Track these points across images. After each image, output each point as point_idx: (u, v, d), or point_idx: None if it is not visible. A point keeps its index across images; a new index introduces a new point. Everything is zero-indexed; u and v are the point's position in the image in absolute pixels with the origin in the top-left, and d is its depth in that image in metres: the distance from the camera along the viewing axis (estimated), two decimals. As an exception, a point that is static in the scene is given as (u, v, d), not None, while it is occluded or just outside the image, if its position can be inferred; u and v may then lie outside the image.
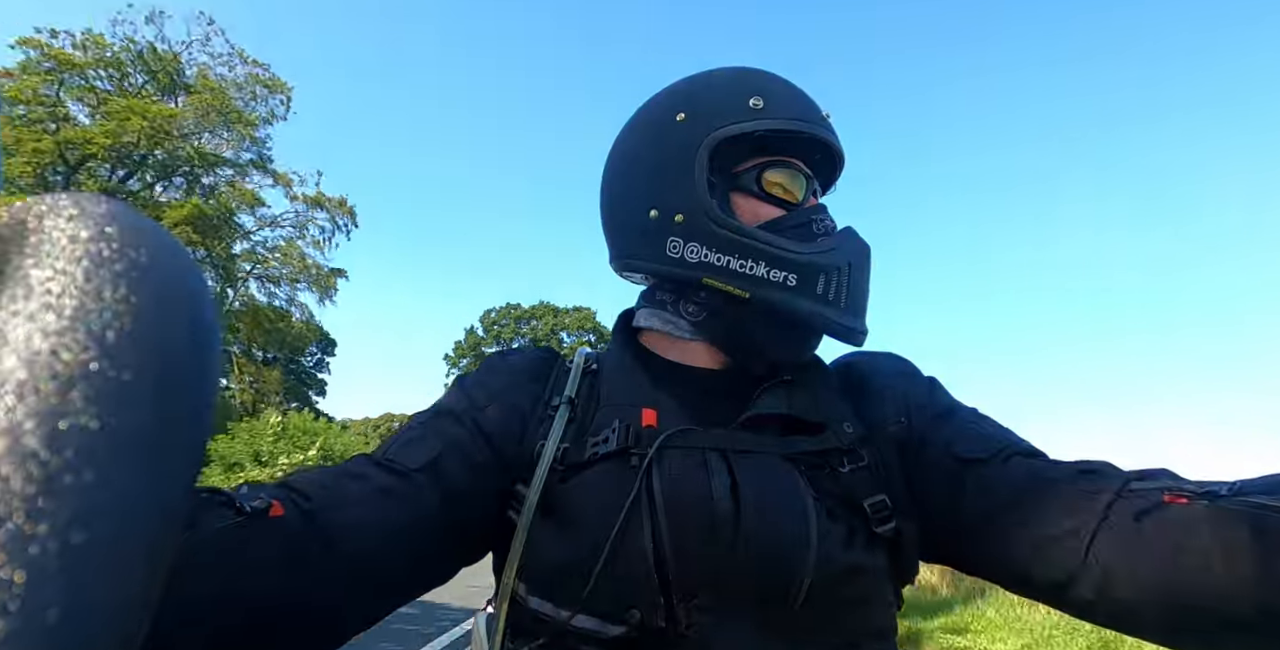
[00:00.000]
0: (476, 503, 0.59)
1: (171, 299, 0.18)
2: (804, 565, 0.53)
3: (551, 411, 0.64)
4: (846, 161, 0.71)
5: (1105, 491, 0.52)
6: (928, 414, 0.64)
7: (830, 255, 0.63)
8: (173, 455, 0.17)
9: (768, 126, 0.63)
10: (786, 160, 0.66)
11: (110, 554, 0.15)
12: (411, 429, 0.62)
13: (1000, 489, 0.56)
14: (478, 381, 0.67)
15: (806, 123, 0.65)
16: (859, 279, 0.64)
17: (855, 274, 0.64)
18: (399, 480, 0.55)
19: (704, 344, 0.68)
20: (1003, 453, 0.59)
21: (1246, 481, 0.46)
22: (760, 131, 0.63)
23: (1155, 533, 0.48)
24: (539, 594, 0.56)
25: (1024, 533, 0.54)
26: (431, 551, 0.57)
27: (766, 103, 0.64)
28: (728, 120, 0.63)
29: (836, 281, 0.62)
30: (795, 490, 0.56)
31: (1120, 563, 0.49)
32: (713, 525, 0.54)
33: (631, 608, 0.53)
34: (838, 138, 0.68)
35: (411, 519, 0.54)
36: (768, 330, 0.65)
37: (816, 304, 0.62)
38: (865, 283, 0.66)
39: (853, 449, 0.61)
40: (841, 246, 0.64)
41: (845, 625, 0.55)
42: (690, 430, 0.60)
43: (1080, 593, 0.51)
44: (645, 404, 0.63)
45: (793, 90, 0.68)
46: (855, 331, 0.64)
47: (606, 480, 0.57)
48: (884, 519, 0.58)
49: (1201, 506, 0.46)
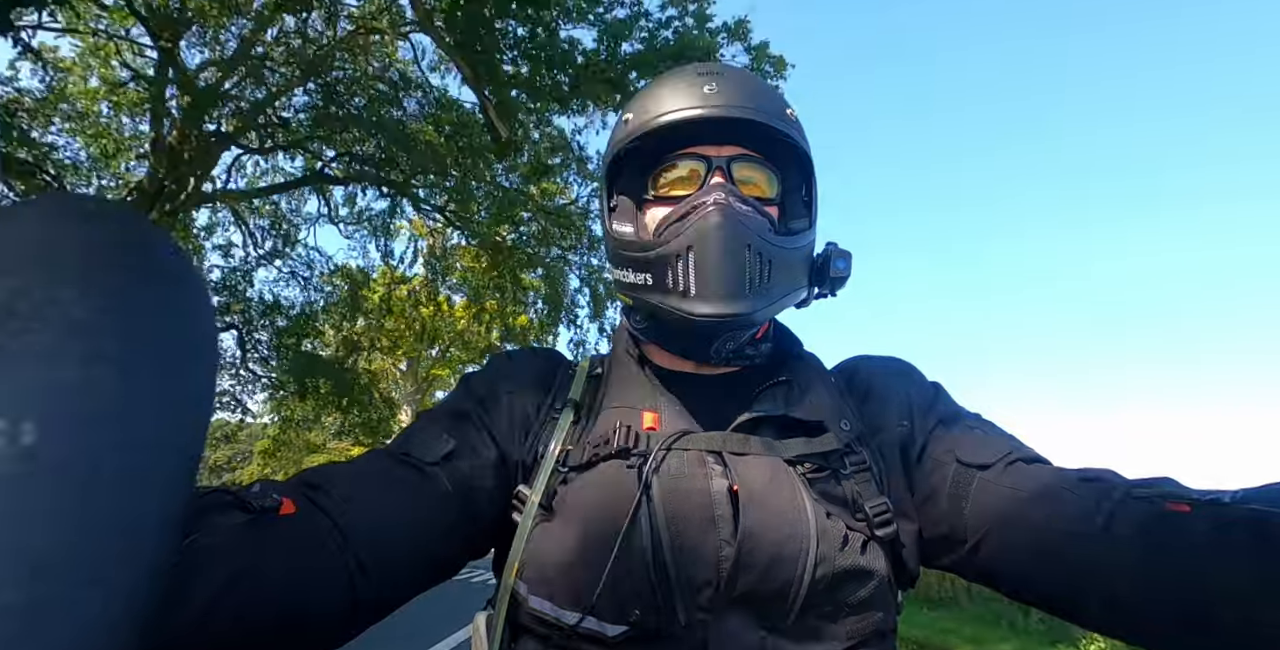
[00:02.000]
0: (485, 499, 0.60)
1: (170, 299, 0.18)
2: (803, 566, 0.53)
3: (555, 414, 0.65)
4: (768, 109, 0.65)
5: (1108, 499, 0.52)
6: (931, 418, 0.64)
7: (672, 243, 0.61)
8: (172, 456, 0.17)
9: (631, 140, 0.65)
10: (680, 154, 0.66)
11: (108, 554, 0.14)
12: (423, 425, 0.63)
13: (1003, 495, 0.56)
14: (484, 382, 0.68)
15: (667, 114, 0.63)
16: (705, 260, 0.59)
17: (700, 256, 0.60)
18: (415, 474, 0.56)
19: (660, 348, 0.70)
20: (1006, 459, 0.58)
21: (1248, 490, 0.46)
22: (627, 147, 0.66)
23: (1157, 540, 0.47)
24: (538, 593, 0.56)
25: (1025, 540, 0.54)
26: (442, 545, 0.57)
27: (634, 115, 0.66)
28: (611, 148, 0.68)
29: (680, 269, 0.61)
30: (793, 492, 0.56)
31: (1120, 570, 0.49)
32: (711, 526, 0.55)
33: (631, 608, 0.53)
34: (724, 105, 0.63)
35: (425, 512, 0.55)
36: (671, 330, 0.66)
37: (666, 297, 0.62)
38: (720, 261, 0.59)
39: (852, 450, 0.61)
40: (686, 230, 0.61)
41: (845, 627, 0.55)
42: (690, 433, 0.60)
43: (1083, 601, 0.51)
44: (646, 407, 0.63)
45: (669, 85, 0.66)
46: (709, 318, 0.59)
47: (607, 481, 0.58)
48: (884, 522, 0.58)
49: (1205, 514, 0.46)
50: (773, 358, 0.71)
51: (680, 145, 0.66)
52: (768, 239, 0.62)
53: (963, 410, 0.67)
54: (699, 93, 0.63)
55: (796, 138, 0.66)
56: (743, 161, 0.66)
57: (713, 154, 0.65)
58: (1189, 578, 0.45)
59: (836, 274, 0.67)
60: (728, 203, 0.61)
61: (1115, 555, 0.49)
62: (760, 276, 0.60)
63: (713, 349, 0.66)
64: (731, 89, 0.63)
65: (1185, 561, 0.45)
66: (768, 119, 0.63)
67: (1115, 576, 0.49)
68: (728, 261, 0.59)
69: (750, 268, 0.60)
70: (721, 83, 0.64)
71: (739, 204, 0.62)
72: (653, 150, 0.67)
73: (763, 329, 0.69)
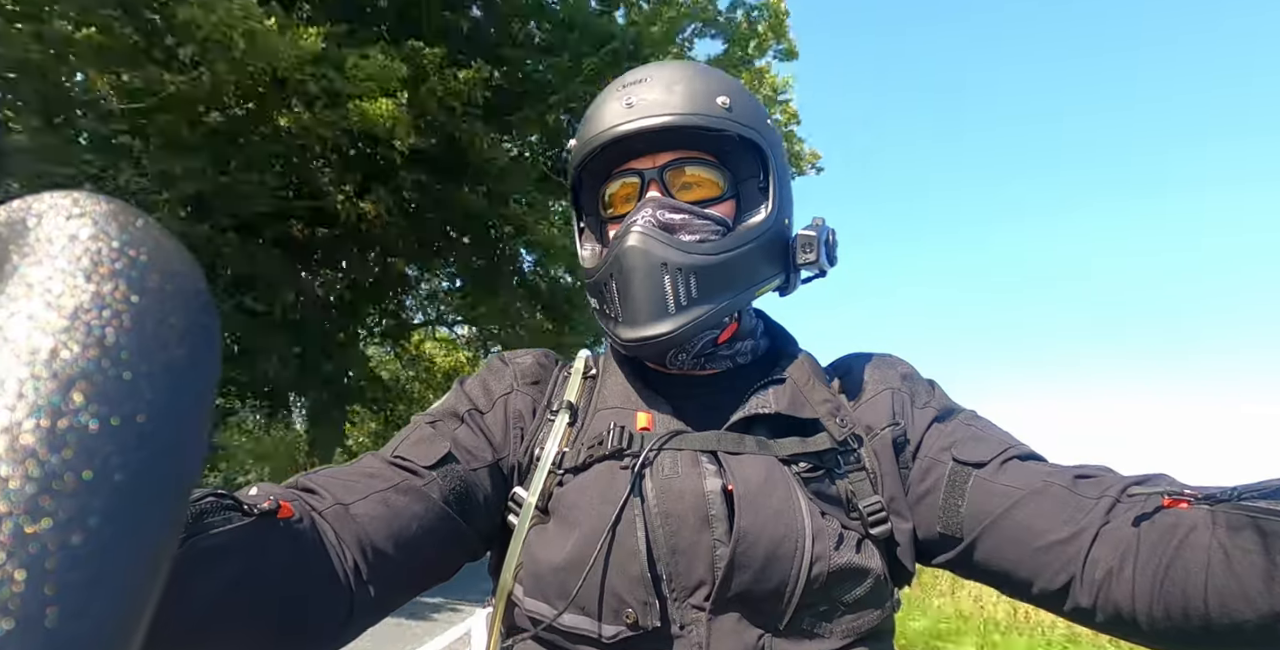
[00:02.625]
0: (481, 502, 0.60)
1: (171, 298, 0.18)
2: (798, 565, 0.53)
3: (551, 416, 0.65)
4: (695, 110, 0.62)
5: (1104, 496, 0.52)
6: (925, 416, 0.64)
7: (601, 271, 0.63)
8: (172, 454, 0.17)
9: (576, 167, 0.67)
10: (620, 171, 0.66)
11: (110, 554, 0.15)
12: (418, 429, 0.62)
13: (999, 493, 0.56)
14: (479, 384, 0.68)
15: (593, 139, 0.63)
16: (625, 285, 0.60)
17: (621, 282, 0.61)
18: (411, 478, 0.56)
19: None
20: (1002, 456, 0.59)
21: (1245, 486, 0.46)
22: (575, 173, 0.68)
23: (1155, 537, 0.48)
24: (535, 595, 0.56)
25: (1023, 537, 0.54)
26: (438, 547, 0.57)
27: (577, 139, 0.67)
28: (569, 173, 0.70)
29: (610, 295, 0.62)
30: (788, 491, 0.56)
31: (1118, 567, 0.49)
32: (706, 526, 0.55)
33: (626, 607, 0.53)
34: (640, 118, 0.61)
35: (421, 516, 0.55)
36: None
37: (606, 322, 0.65)
38: (637, 286, 0.60)
39: (847, 449, 0.61)
40: (611, 257, 0.62)
41: (842, 626, 0.55)
42: (684, 432, 0.60)
43: (1079, 597, 0.51)
44: (641, 408, 0.63)
45: (597, 105, 0.65)
46: (633, 343, 0.60)
47: (601, 482, 0.58)
48: (879, 521, 0.58)
49: (1202, 511, 0.46)
50: (766, 356, 0.71)
51: (621, 161, 0.66)
52: (692, 253, 0.60)
53: (958, 407, 0.67)
54: (619, 109, 0.62)
55: (733, 128, 0.62)
56: (683, 164, 0.65)
57: (646, 166, 0.64)
58: (1187, 574, 0.45)
59: (803, 259, 0.66)
60: (646, 225, 0.60)
61: (1115, 552, 0.49)
62: (684, 294, 0.59)
63: (667, 360, 0.66)
64: (652, 96, 0.62)
65: (1191, 563, 0.45)
66: (689, 121, 0.61)
67: (1115, 574, 0.49)
68: (644, 285, 0.59)
69: (672, 287, 0.59)
70: (641, 92, 0.62)
71: (666, 217, 0.62)
72: (602, 168, 0.67)
73: (729, 330, 0.68)
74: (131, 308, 0.17)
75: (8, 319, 0.16)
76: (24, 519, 0.14)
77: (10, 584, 0.13)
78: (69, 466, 0.15)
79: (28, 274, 0.17)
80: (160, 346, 0.17)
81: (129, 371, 0.16)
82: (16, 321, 0.16)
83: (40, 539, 0.14)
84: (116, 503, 0.15)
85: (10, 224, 0.18)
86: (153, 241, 0.18)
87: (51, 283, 0.16)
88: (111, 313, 0.16)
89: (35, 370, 0.15)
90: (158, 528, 0.16)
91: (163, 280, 0.18)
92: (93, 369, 0.16)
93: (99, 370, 0.16)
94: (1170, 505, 0.48)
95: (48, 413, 0.15)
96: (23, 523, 0.14)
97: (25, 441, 0.14)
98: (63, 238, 0.17)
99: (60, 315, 0.16)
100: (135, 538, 0.15)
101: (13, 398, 0.15)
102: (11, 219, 0.18)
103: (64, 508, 0.14)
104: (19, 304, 0.16)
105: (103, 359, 0.16)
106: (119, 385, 0.16)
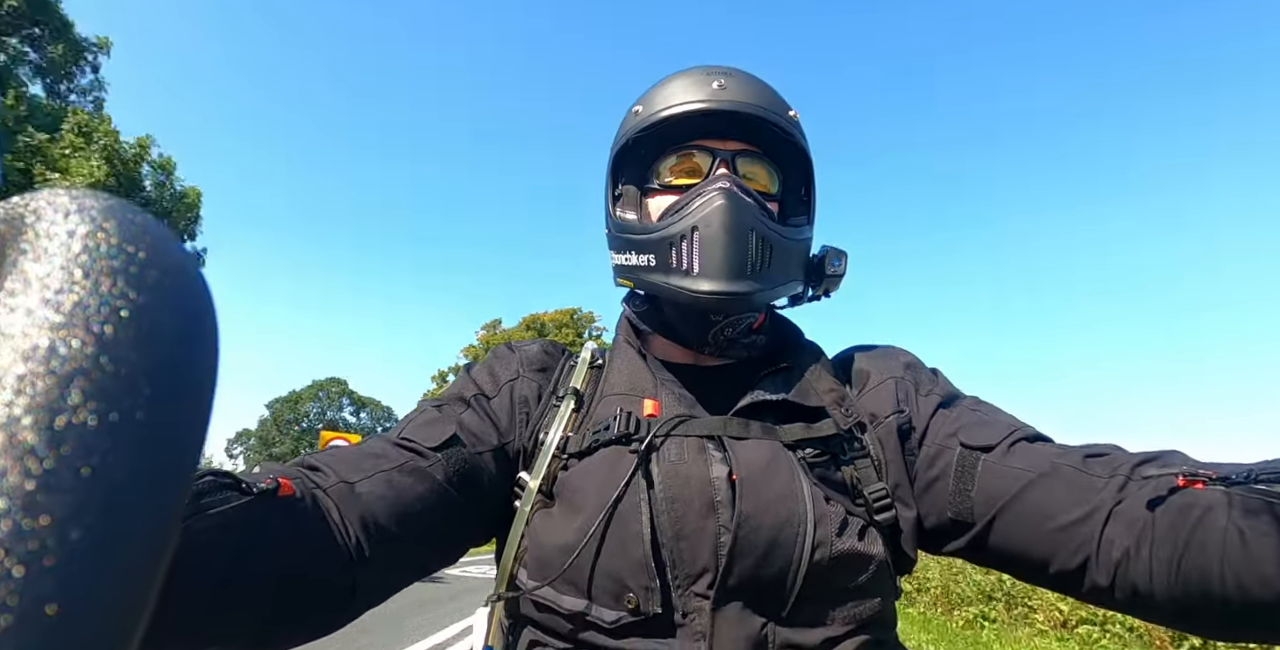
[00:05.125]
0: (485, 485, 0.60)
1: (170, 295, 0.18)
2: (799, 550, 0.53)
3: (556, 402, 0.65)
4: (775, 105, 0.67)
5: (1116, 476, 0.52)
6: (930, 403, 0.64)
7: (677, 224, 0.63)
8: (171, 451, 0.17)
9: (639, 130, 0.67)
10: (686, 147, 0.67)
11: (109, 550, 0.15)
12: (425, 412, 0.63)
13: (1009, 476, 0.56)
14: (486, 370, 0.69)
15: (678, 106, 0.65)
16: (711, 239, 0.61)
17: (705, 235, 0.61)
18: (416, 459, 0.57)
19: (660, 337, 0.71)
20: (1009, 439, 0.58)
21: (1260, 466, 0.45)
22: (636, 136, 0.67)
23: (1170, 517, 0.47)
24: (537, 579, 0.57)
25: (1036, 519, 0.54)
26: (441, 530, 0.58)
27: (644, 107, 0.68)
28: (620, 138, 0.70)
29: (684, 248, 0.62)
30: (792, 475, 0.57)
31: (1135, 548, 0.49)
32: (711, 512, 0.55)
33: (627, 592, 0.53)
34: (732, 101, 0.65)
35: (425, 497, 0.56)
36: (672, 312, 0.68)
37: (670, 276, 0.63)
38: (725, 241, 0.61)
39: (852, 436, 0.61)
40: (692, 212, 0.63)
41: (845, 612, 0.55)
42: (689, 418, 0.60)
43: (1096, 577, 0.51)
44: (647, 395, 0.64)
45: (679, 81, 0.67)
46: (712, 295, 0.60)
47: (606, 466, 0.58)
48: (883, 508, 0.58)
49: (1218, 492, 0.46)
50: (772, 347, 0.71)
51: (687, 138, 0.67)
52: (771, 226, 0.63)
53: (961, 393, 0.67)
54: (709, 88, 0.65)
55: (799, 138, 0.68)
56: (746, 157, 0.67)
57: (719, 147, 0.67)
58: (1203, 555, 0.45)
59: (833, 271, 0.69)
60: (733, 189, 0.62)
61: (1130, 532, 0.49)
62: (761, 261, 0.62)
63: (710, 334, 0.66)
64: (739, 87, 0.66)
65: (1209, 545, 0.45)
66: (774, 117, 0.65)
67: (1133, 554, 0.49)
68: (732, 242, 0.61)
69: (753, 250, 0.61)
70: (730, 81, 0.66)
71: (743, 193, 0.64)
72: (658, 142, 0.68)
73: (759, 320, 0.69)
74: (130, 304, 0.17)
75: (6, 315, 0.16)
76: (22, 515, 0.14)
77: (9, 580, 0.13)
78: (67, 463, 0.15)
79: (26, 270, 0.17)
80: (159, 343, 0.17)
81: (127, 368, 0.16)
82: (15, 318, 0.16)
83: (39, 535, 0.14)
84: (115, 499, 0.15)
85: (9, 220, 0.18)
86: (152, 238, 0.18)
87: (50, 279, 0.16)
88: (110, 309, 0.16)
89: (33, 367, 0.15)
90: (156, 523, 0.16)
91: (161, 276, 0.18)
92: (91, 365, 0.16)
93: (97, 367, 0.16)
94: (1185, 485, 0.48)
95: (46, 409, 0.15)
96: (21, 519, 0.14)
97: (24, 438, 0.14)
98: (61, 234, 0.17)
99: (59, 312, 0.16)
100: (134, 534, 0.15)
101: (11, 394, 0.15)
102: (10, 216, 0.18)
103: (62, 504, 0.14)
104: (17, 300, 0.16)
105: (101, 355, 0.16)
106: (117, 382, 0.16)
